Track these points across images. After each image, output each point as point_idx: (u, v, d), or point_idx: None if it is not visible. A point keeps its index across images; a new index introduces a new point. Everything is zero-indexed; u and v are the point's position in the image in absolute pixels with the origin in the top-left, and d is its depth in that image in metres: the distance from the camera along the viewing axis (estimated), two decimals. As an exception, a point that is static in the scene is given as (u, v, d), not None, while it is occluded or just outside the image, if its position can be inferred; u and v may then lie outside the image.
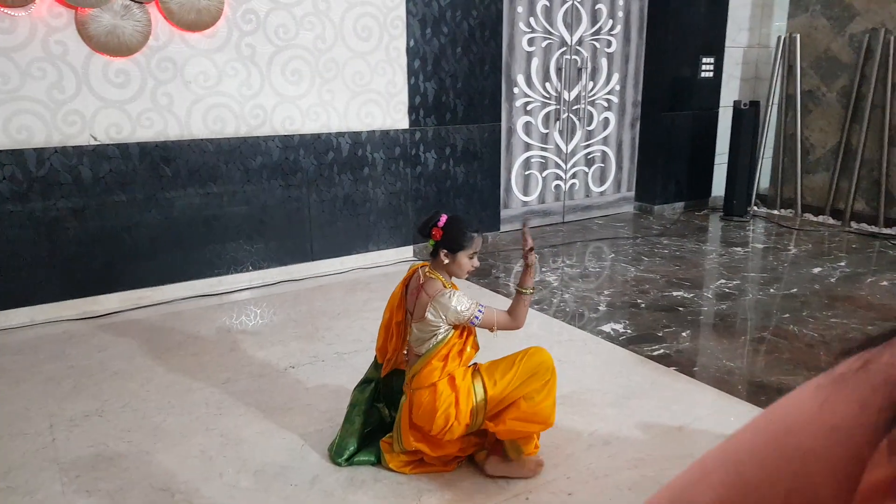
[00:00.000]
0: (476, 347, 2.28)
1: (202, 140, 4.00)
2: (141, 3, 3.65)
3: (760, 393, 2.84)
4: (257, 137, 4.17)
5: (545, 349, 2.19)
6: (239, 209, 4.19)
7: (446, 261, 2.18)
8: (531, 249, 2.22)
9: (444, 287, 2.16)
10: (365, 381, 2.41)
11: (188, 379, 2.99)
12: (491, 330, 2.18)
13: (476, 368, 2.23)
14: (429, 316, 2.13)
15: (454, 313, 2.12)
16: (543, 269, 4.66)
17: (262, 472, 2.28)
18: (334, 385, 2.90)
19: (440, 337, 2.16)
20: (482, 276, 4.43)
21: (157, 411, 2.70)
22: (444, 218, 2.19)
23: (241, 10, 3.97)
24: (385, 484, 2.21)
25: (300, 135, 4.32)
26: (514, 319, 2.20)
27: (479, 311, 2.14)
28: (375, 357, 2.41)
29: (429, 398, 2.14)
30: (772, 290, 4.16)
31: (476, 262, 2.22)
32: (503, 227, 5.60)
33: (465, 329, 2.19)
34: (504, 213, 5.60)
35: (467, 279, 2.53)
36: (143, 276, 3.95)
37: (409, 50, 4.63)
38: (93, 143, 3.70)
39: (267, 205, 4.29)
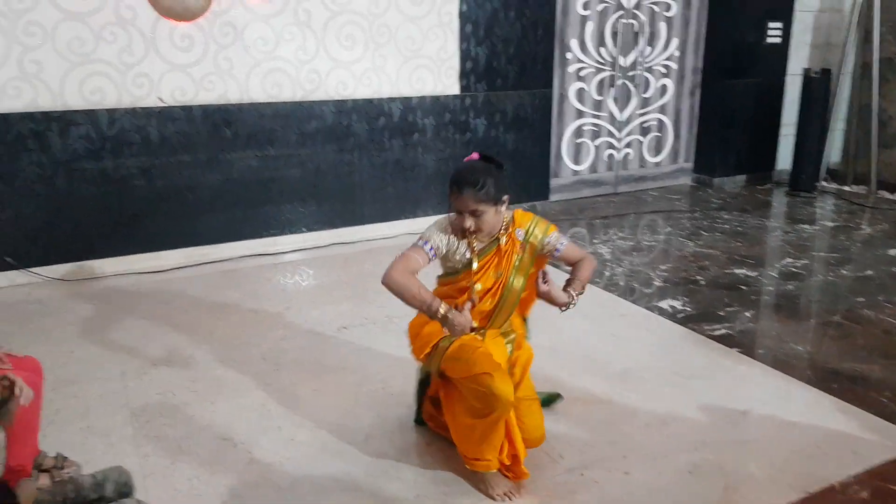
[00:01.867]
0: (492, 303, 2.07)
1: (260, 104, 4.10)
2: (204, -33, 3.72)
3: (832, 380, 2.73)
4: (312, 102, 4.25)
5: (505, 387, 1.88)
6: (294, 172, 4.31)
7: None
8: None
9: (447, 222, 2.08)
10: None
11: (247, 334, 3.14)
12: (448, 270, 2.11)
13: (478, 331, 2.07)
14: None
15: (426, 228, 2.09)
16: (594, 241, 4.64)
17: (317, 428, 2.40)
18: (385, 347, 3.00)
19: (441, 270, 2.13)
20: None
21: (218, 364, 2.86)
22: (470, 156, 2.05)
23: (299, -25, 4.01)
24: (438, 447, 2.28)
25: (353, 100, 4.38)
26: (402, 285, 1.98)
27: (422, 244, 2.04)
28: None
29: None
30: (843, 272, 4.00)
31: (466, 222, 1.96)
32: (552, 197, 5.58)
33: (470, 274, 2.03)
34: (553, 182, 5.57)
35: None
36: (204, 234, 4.12)
37: (461, 14, 4.60)
38: (160, 104, 3.84)
39: (320, 168, 4.39)
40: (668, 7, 5.73)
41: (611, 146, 5.82)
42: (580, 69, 5.48)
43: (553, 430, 2.34)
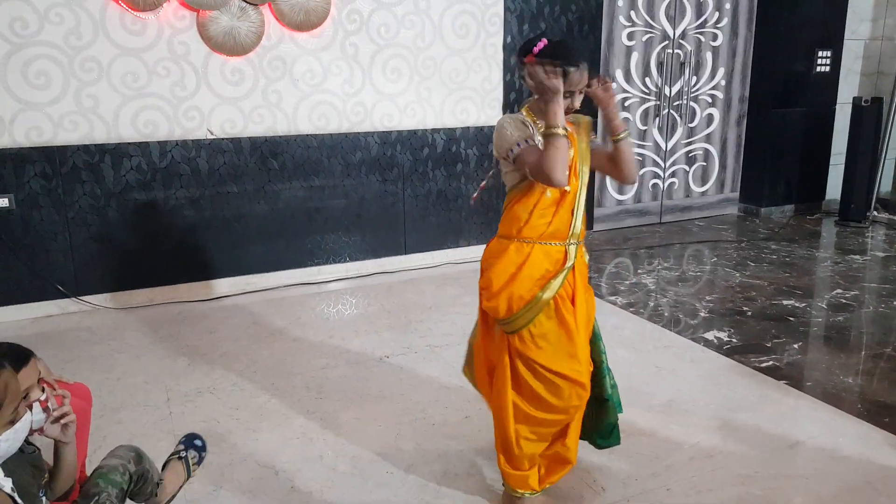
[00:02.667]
0: (576, 183, 1.93)
1: (307, 135, 4.18)
2: (255, 5, 3.85)
3: (883, 413, 2.64)
4: (357, 133, 4.31)
5: (587, 395, 1.96)
6: (338, 202, 4.35)
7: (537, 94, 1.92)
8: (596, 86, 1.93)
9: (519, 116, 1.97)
10: None
11: (290, 362, 3.15)
12: (525, 174, 1.89)
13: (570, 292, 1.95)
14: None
15: (500, 138, 1.92)
16: (639, 271, 4.55)
17: (358, 457, 2.37)
18: (426, 377, 2.98)
19: (510, 178, 1.98)
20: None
21: (262, 392, 2.86)
22: (542, 43, 1.90)
23: (346, 11, 4.11)
24: (478, 479, 2.24)
25: (398, 131, 4.43)
26: (544, 160, 1.80)
27: (521, 143, 1.87)
28: None
29: (493, 246, 2.02)
30: (894, 303, 3.86)
31: (575, 103, 1.92)
32: (596, 226, 5.51)
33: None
34: (597, 212, 5.51)
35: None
36: (250, 263, 4.18)
37: (505, 46, 4.64)
38: (209, 137, 3.95)
39: (364, 198, 4.43)
40: (715, 37, 5.68)
41: (656, 175, 5.74)
42: (625, 99, 5.45)
43: (595, 461, 2.30)
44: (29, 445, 1.62)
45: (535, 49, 1.90)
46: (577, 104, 1.94)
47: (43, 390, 1.61)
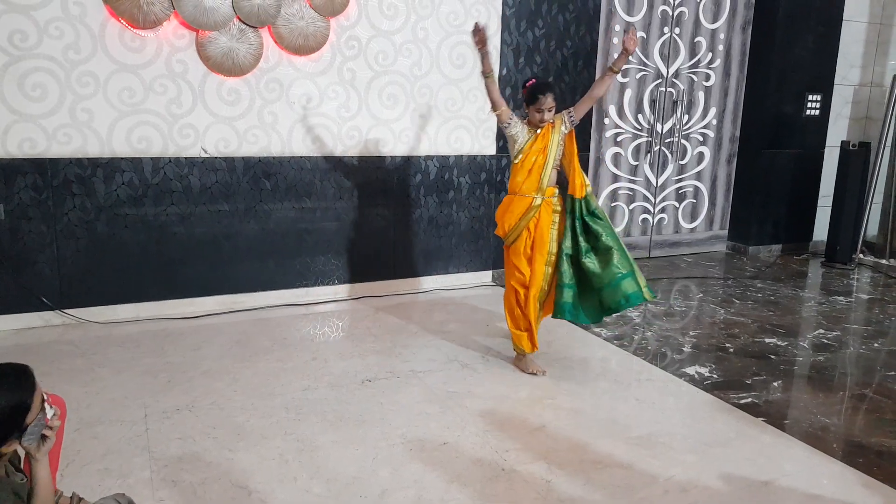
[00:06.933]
0: (533, 183, 3.19)
1: (301, 157, 4.21)
2: (255, 27, 3.91)
3: (858, 454, 2.65)
4: (351, 157, 4.35)
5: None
6: (330, 224, 4.37)
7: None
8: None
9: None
10: None
11: (271, 383, 3.13)
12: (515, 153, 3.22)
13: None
14: None
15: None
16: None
17: (334, 480, 2.35)
18: (407, 402, 2.96)
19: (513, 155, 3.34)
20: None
21: (241, 411, 2.84)
22: (530, 80, 3.21)
23: (345, 36, 4.18)
24: (451, 505, 2.23)
25: (391, 156, 4.47)
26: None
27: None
28: None
29: (504, 200, 3.40)
30: (876, 345, 3.89)
31: (547, 116, 3.13)
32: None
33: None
34: (588, 244, 5.54)
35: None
36: (238, 283, 4.17)
37: (501, 78, 4.71)
38: (203, 155, 3.98)
39: (356, 222, 4.45)
40: (708, 77, 5.79)
41: (646, 210, 5.80)
42: (617, 134, 5.52)
43: (569, 492, 2.29)
44: (18, 472, 1.60)
45: (527, 84, 3.21)
46: (549, 118, 3.15)
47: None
